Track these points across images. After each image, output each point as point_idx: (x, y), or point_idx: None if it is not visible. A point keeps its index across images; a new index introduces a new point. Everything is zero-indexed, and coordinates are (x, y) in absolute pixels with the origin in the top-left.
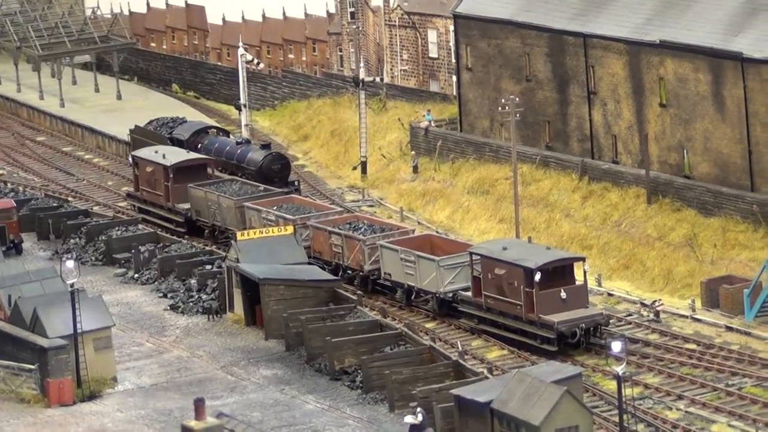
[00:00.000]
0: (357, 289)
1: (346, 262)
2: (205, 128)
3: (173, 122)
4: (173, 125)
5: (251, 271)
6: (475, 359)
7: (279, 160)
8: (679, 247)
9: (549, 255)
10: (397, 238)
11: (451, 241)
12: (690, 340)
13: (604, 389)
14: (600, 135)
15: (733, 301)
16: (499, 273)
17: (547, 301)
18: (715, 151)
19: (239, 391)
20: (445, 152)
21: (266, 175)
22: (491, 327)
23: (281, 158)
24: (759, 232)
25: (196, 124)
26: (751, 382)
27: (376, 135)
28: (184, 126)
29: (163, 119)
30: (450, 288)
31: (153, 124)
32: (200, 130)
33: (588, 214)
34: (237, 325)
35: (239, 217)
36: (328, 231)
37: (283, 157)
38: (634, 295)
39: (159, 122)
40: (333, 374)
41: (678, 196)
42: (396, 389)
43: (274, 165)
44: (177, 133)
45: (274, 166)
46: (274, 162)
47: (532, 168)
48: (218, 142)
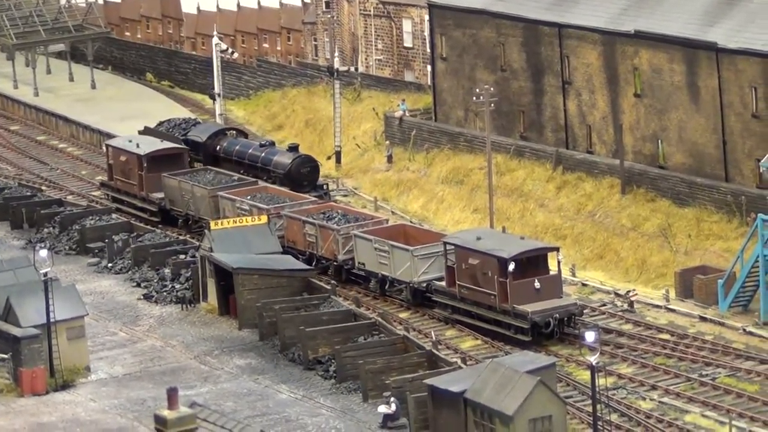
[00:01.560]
0: (331, 279)
1: (320, 251)
2: (222, 130)
3: (186, 123)
4: (186, 127)
5: (225, 261)
6: (449, 349)
7: (308, 162)
8: (654, 237)
9: (523, 245)
10: (371, 227)
11: (425, 231)
12: (664, 330)
13: (577, 379)
14: (574, 125)
15: (707, 291)
16: (473, 263)
17: (521, 291)
18: (690, 141)
19: (213, 380)
20: (419, 142)
21: (295, 178)
22: (465, 317)
23: (310, 161)
24: (733, 223)
25: (213, 126)
26: (725, 373)
27: (350, 125)
28: (200, 128)
29: (174, 120)
30: (424, 278)
31: (164, 126)
32: (218, 132)
33: (562, 204)
34: (211, 314)
35: (213, 207)
36: (302, 220)
37: (311, 159)
38: (608, 285)
39: (171, 123)
40: (307, 364)
41: (652, 186)
42: (370, 379)
43: (303, 168)
44: (193, 135)
45: (303, 169)
46: (303, 165)
47: (506, 158)
48: (239, 145)
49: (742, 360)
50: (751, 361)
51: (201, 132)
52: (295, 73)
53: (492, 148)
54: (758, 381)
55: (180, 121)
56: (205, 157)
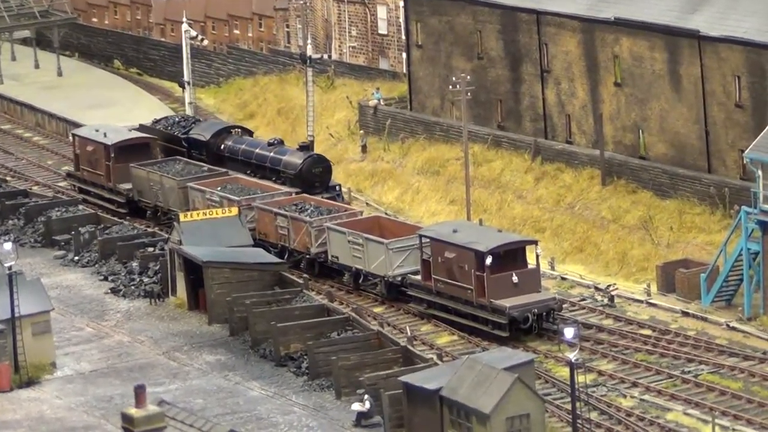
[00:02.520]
0: (303, 273)
1: (292, 244)
2: (227, 128)
3: (185, 121)
4: (186, 124)
5: (194, 254)
6: (425, 345)
7: (320, 162)
8: (635, 229)
9: (500, 238)
10: (345, 220)
11: (401, 223)
12: (645, 326)
13: (556, 376)
14: (553, 114)
15: (689, 285)
16: (449, 256)
17: (499, 286)
18: (672, 131)
19: (182, 377)
20: (394, 131)
21: (307, 179)
22: (441, 312)
23: (322, 161)
24: (716, 215)
25: (217, 124)
26: (708, 369)
27: (323, 113)
28: (203, 126)
29: (172, 118)
30: (399, 271)
31: (162, 123)
32: (222, 130)
33: (541, 196)
34: (180, 309)
35: (182, 198)
36: (274, 212)
37: (324, 159)
38: (588, 279)
39: (168, 121)
40: (278, 360)
41: (633, 177)
42: (343, 376)
43: (315, 168)
44: (195, 133)
45: (316, 169)
46: (315, 165)
47: (483, 148)
48: (246, 143)
49: (725, 356)
50: (735, 358)
51: (204, 130)
52: (266, 61)
53: (469, 138)
54: (742, 378)
55: (179, 119)
56: (209, 157)
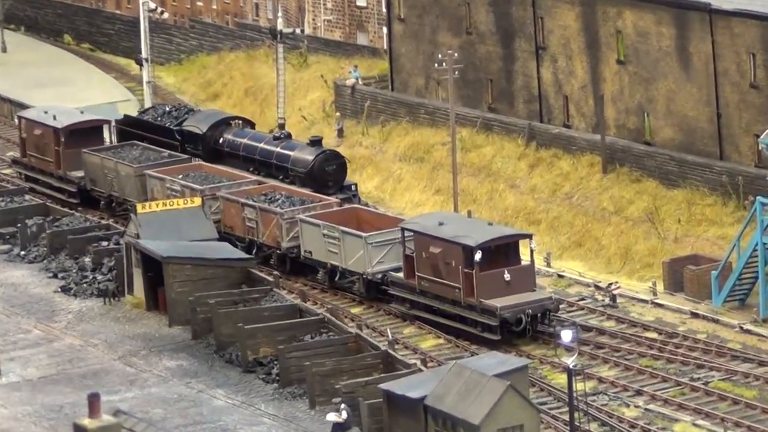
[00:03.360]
0: (274, 270)
1: (261, 238)
2: (226, 119)
3: (178, 111)
4: (179, 114)
5: (153, 249)
6: (407, 349)
7: (334, 159)
8: (639, 222)
9: (491, 231)
10: (319, 211)
11: (381, 215)
12: (650, 328)
13: (553, 383)
14: (550, 95)
15: (699, 283)
16: (434, 252)
17: (489, 284)
18: (680, 114)
19: (139, 384)
20: (374, 114)
21: (319, 178)
22: (425, 312)
23: (336, 157)
24: (729, 206)
25: (214, 114)
26: (719, 376)
27: (295, 94)
28: (198, 117)
29: (161, 107)
30: (379, 268)
31: (150, 113)
32: (220, 121)
33: (536, 185)
34: (137, 309)
35: (140, 187)
36: (241, 203)
37: (338, 155)
38: (587, 276)
39: (158, 111)
40: (246, 366)
41: (637, 164)
42: (317, 383)
43: (328, 166)
44: (189, 125)
45: (329, 166)
46: (329, 162)
47: (472, 132)
48: (248, 137)
49: (738, 362)
50: (749, 363)
51: (199, 122)
52: (232, 36)
53: (456, 121)
54: (757, 386)
55: (170, 109)
56: (205, 152)
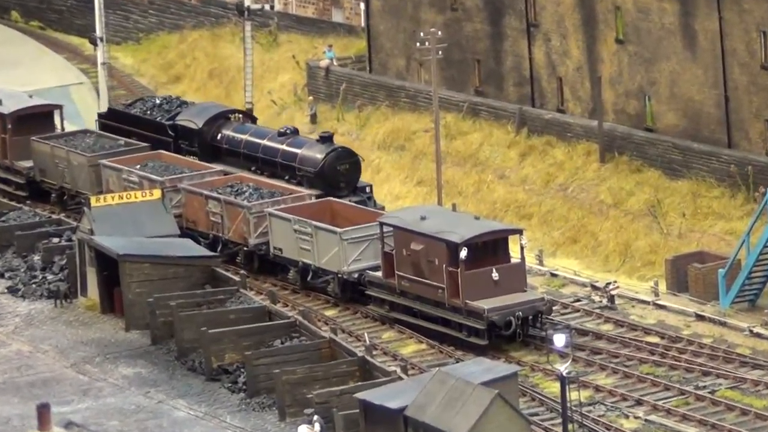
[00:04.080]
0: (240, 268)
1: (226, 234)
2: (224, 113)
3: (169, 104)
4: (171, 108)
5: (109, 246)
6: (386, 355)
7: (346, 157)
8: (639, 216)
9: (478, 226)
10: (291, 204)
11: (358, 209)
12: (652, 332)
13: (545, 393)
14: (542, 78)
15: (705, 283)
16: (415, 249)
17: (476, 284)
18: (684, 97)
19: (93, 394)
20: (350, 98)
21: (330, 178)
22: (406, 315)
23: (349, 155)
24: (737, 199)
25: (211, 108)
26: (727, 384)
27: (264, 76)
28: (193, 110)
29: (151, 100)
30: (355, 267)
31: (138, 106)
32: (218, 115)
33: (527, 176)
34: (91, 312)
35: (94, 178)
36: (205, 195)
37: (351, 153)
38: (583, 275)
39: (146, 104)
40: (210, 374)
41: (638, 153)
42: (288, 392)
43: (340, 164)
44: (183, 119)
45: (341, 166)
46: (341, 160)
47: (458, 118)
48: (250, 132)
49: (748, 369)
50: (760, 370)
51: (194, 115)
52: (195, 12)
53: (440, 105)
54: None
55: (161, 101)
56: (202, 149)
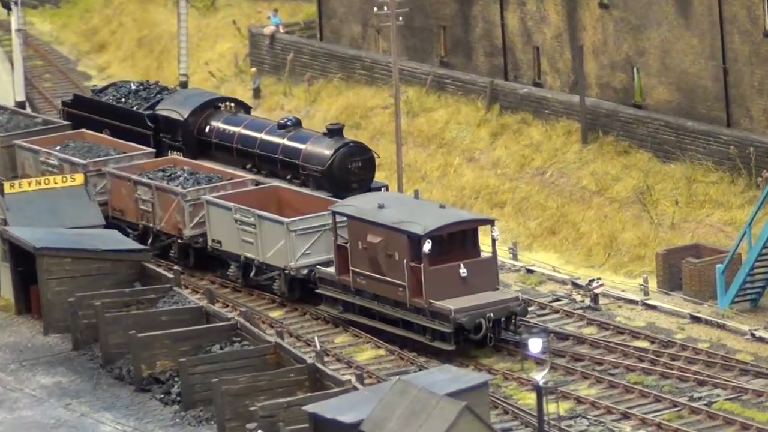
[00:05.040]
0: (174, 263)
1: (158, 224)
2: (212, 101)
3: (147, 90)
4: (149, 94)
5: (24, 238)
6: (340, 362)
7: (359, 154)
8: (627, 204)
9: (444, 216)
10: (231, 191)
11: (307, 196)
12: (641, 336)
13: (519, 404)
14: (516, 47)
15: (701, 280)
16: (373, 241)
17: (441, 281)
18: (677, 70)
19: (7, 406)
20: (298, 69)
21: (340, 178)
22: (362, 317)
23: (362, 151)
24: (738, 184)
25: (198, 95)
26: (725, 395)
27: (201, 45)
28: (176, 98)
29: (125, 85)
30: (305, 262)
31: (110, 93)
32: (206, 104)
33: (499, 158)
34: (4, 313)
35: (7, 161)
36: (133, 181)
37: (364, 149)
38: (563, 271)
39: (120, 90)
40: (140, 383)
41: (625, 133)
42: (228, 404)
43: (352, 162)
44: (166, 108)
45: (353, 163)
46: (353, 157)
47: (420, 93)
48: (244, 124)
49: (749, 377)
50: (762, 379)
51: (178, 104)
52: None
53: (401, 78)
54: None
55: (137, 87)
56: (187, 143)
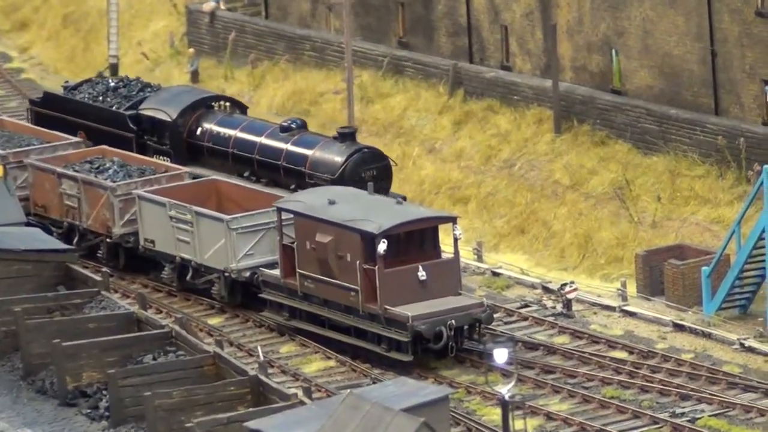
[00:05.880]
0: (102, 265)
1: (85, 222)
2: (204, 99)
3: (128, 87)
4: (130, 92)
5: None
6: (285, 374)
7: (373, 161)
8: (604, 200)
9: (401, 213)
10: (166, 185)
11: (250, 191)
12: (618, 346)
13: (483, 420)
14: (482, 26)
15: (684, 284)
16: (322, 241)
17: (398, 285)
18: (660, 52)
19: None
20: (241, 50)
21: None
22: (310, 324)
23: (377, 157)
24: (727, 179)
25: (187, 93)
26: (711, 410)
27: (133, 23)
28: (162, 96)
29: (102, 82)
30: (247, 264)
31: (85, 90)
32: (197, 103)
33: (463, 149)
34: None
35: None
36: (58, 174)
37: (378, 155)
38: (532, 274)
39: (97, 87)
40: (65, 397)
41: (603, 121)
42: (161, 420)
43: (365, 170)
44: (150, 107)
45: (366, 171)
46: (366, 165)
47: (376, 77)
48: (241, 126)
49: (737, 391)
50: (752, 393)
51: (165, 103)
52: None
53: (355, 61)
54: (761, 423)
55: (116, 84)
56: (175, 147)
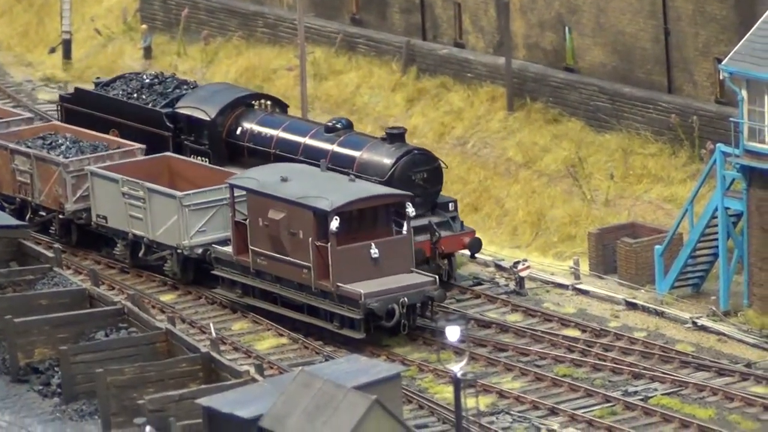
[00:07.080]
0: (55, 241)
1: (37, 198)
2: (244, 98)
3: (162, 84)
4: (166, 90)
5: None
6: (238, 351)
7: (424, 163)
8: (557, 178)
9: (353, 190)
10: (119, 161)
11: (203, 167)
12: (570, 324)
13: (436, 398)
14: (436, 3)
15: (637, 263)
16: (275, 218)
17: (350, 263)
18: (613, 30)
19: None
20: (194, 27)
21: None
22: (263, 301)
23: (428, 160)
24: (680, 156)
25: (226, 91)
26: (664, 389)
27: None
28: (200, 94)
29: (138, 77)
30: (199, 240)
31: (118, 87)
32: (237, 101)
33: (416, 126)
34: None
35: None
36: (10, 149)
37: (430, 157)
38: (485, 252)
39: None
40: (16, 373)
41: (556, 99)
42: (114, 397)
43: (416, 173)
44: (188, 106)
45: (417, 174)
46: (416, 167)
47: (329, 53)
48: (284, 126)
49: (690, 370)
50: (705, 372)
51: (203, 102)
52: None
53: (308, 37)
54: (714, 402)
55: (151, 79)
56: (214, 147)
